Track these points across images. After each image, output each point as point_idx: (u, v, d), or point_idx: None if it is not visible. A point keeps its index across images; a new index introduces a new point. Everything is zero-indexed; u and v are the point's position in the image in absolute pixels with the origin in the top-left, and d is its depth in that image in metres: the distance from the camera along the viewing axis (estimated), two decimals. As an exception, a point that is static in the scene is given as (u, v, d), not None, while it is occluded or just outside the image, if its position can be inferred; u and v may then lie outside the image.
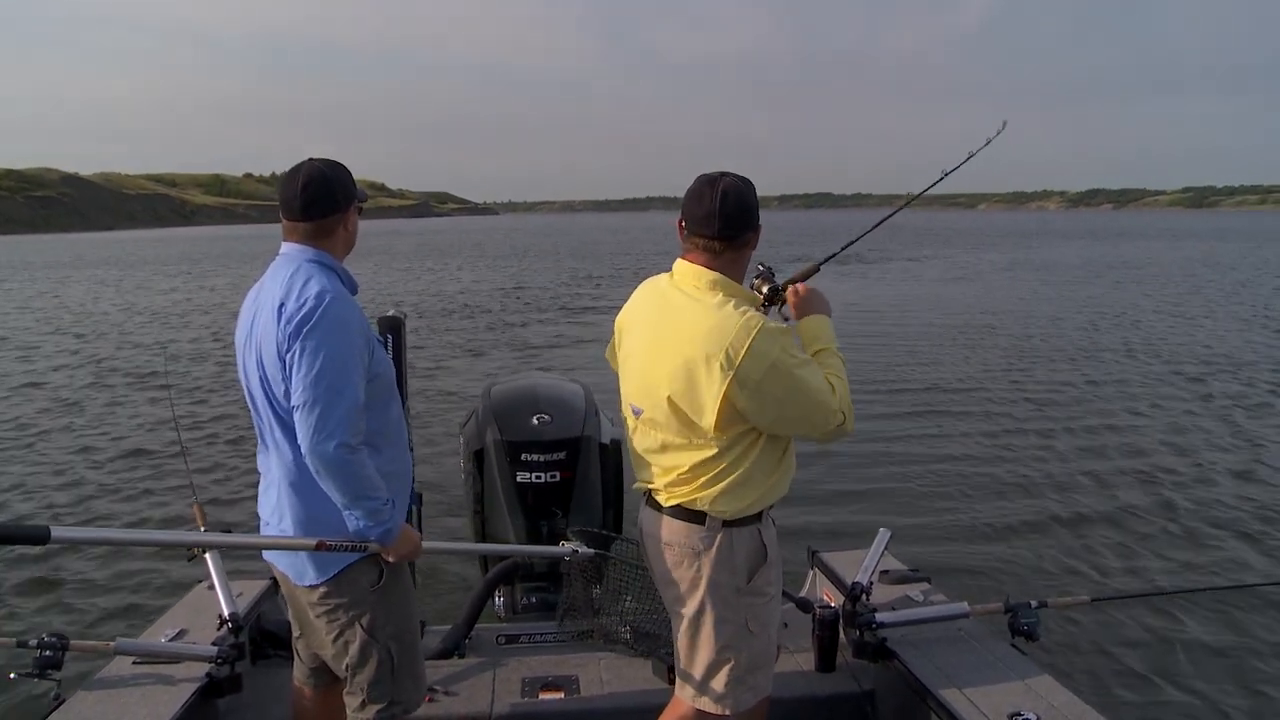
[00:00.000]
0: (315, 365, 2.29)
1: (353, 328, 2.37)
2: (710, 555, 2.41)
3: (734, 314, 2.28)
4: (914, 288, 27.10)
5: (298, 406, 2.32)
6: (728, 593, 2.44)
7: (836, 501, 7.35)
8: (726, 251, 2.37)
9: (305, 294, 2.36)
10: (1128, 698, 4.46)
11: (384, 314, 3.87)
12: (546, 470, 3.83)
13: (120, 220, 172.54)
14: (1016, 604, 3.29)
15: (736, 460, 2.36)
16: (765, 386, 2.25)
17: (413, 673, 2.65)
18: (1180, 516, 6.98)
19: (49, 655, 2.86)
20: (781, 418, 2.33)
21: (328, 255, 2.50)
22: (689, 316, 2.34)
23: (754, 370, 2.23)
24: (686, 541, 2.44)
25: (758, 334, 2.23)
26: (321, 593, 2.51)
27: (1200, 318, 19.16)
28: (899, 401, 11.11)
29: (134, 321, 21.05)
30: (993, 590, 5.38)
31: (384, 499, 2.41)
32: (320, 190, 2.47)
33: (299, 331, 2.32)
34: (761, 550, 2.46)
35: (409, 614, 2.66)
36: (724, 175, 2.37)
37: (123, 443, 9.65)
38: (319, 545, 2.41)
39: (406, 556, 2.56)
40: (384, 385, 2.51)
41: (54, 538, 2.09)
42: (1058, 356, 14.21)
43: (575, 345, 15.99)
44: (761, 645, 2.51)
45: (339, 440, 2.29)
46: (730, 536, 2.41)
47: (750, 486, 2.39)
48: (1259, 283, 28.12)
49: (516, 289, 28.42)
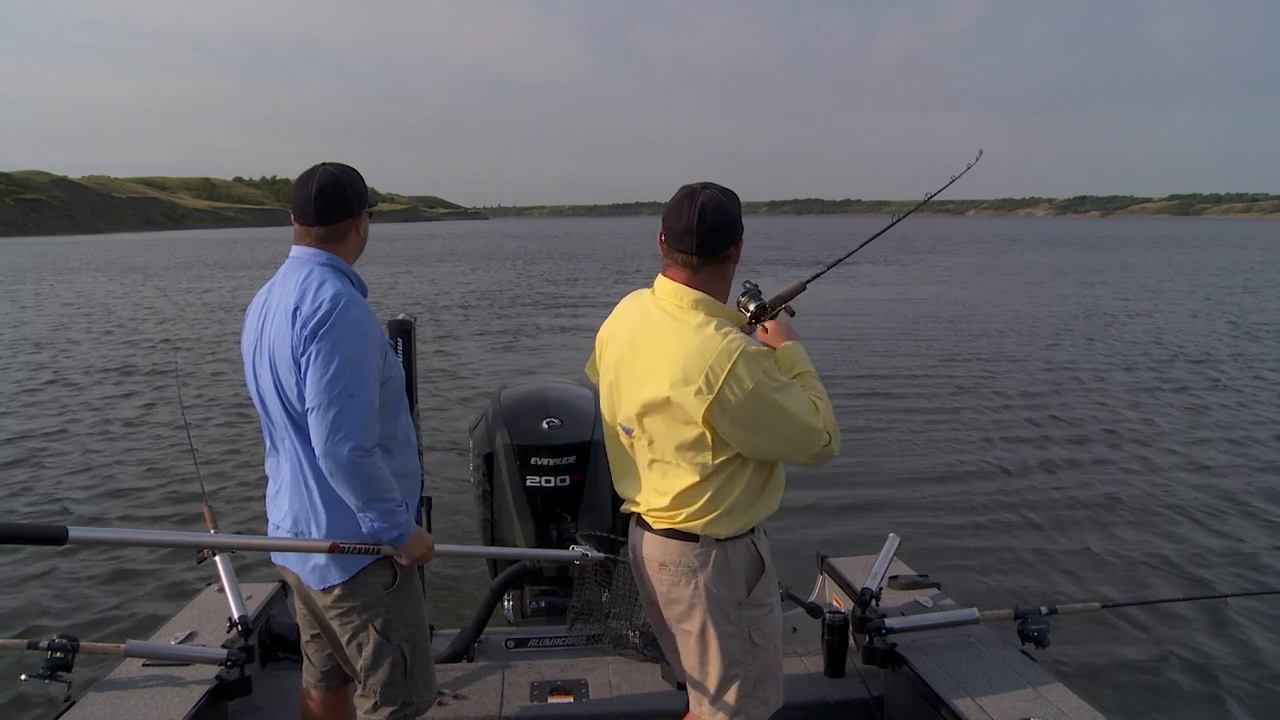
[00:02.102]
0: (330, 368, 2.29)
1: (367, 331, 2.37)
2: (708, 572, 2.38)
3: (715, 336, 2.22)
4: (913, 290, 27.18)
5: (312, 409, 2.31)
6: (729, 607, 2.41)
7: (845, 507, 7.35)
8: (706, 267, 2.31)
9: (320, 297, 2.36)
10: (1138, 705, 4.45)
11: (394, 318, 3.87)
12: (556, 474, 3.83)
13: (110, 223, 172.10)
14: (1026, 610, 3.30)
15: (724, 486, 2.33)
16: (747, 411, 2.20)
17: (424, 674, 2.66)
18: (1194, 523, 6.98)
19: (60, 657, 2.87)
20: (765, 442, 2.28)
21: (339, 259, 2.51)
22: (670, 336, 2.29)
23: (734, 394, 2.18)
24: (682, 560, 2.40)
25: (739, 358, 2.18)
26: (336, 595, 2.50)
27: (1218, 326, 18.99)
28: (908, 407, 11.14)
29: (140, 323, 21.03)
30: (1002, 596, 5.41)
31: (398, 501, 2.41)
32: (334, 195, 2.48)
33: (315, 334, 2.31)
34: (758, 561, 2.44)
35: (420, 617, 2.67)
36: (705, 187, 2.30)
37: (132, 445, 9.62)
38: (333, 547, 2.42)
39: (419, 559, 2.55)
40: (395, 389, 2.51)
41: (72, 538, 2.09)
42: (1068, 364, 14.18)
43: (580, 349, 15.96)
44: (767, 657, 2.49)
45: (354, 443, 2.29)
46: (725, 551, 2.38)
47: (739, 511, 2.36)
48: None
49: (520, 289, 28.48)
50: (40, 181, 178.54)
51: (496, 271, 39.18)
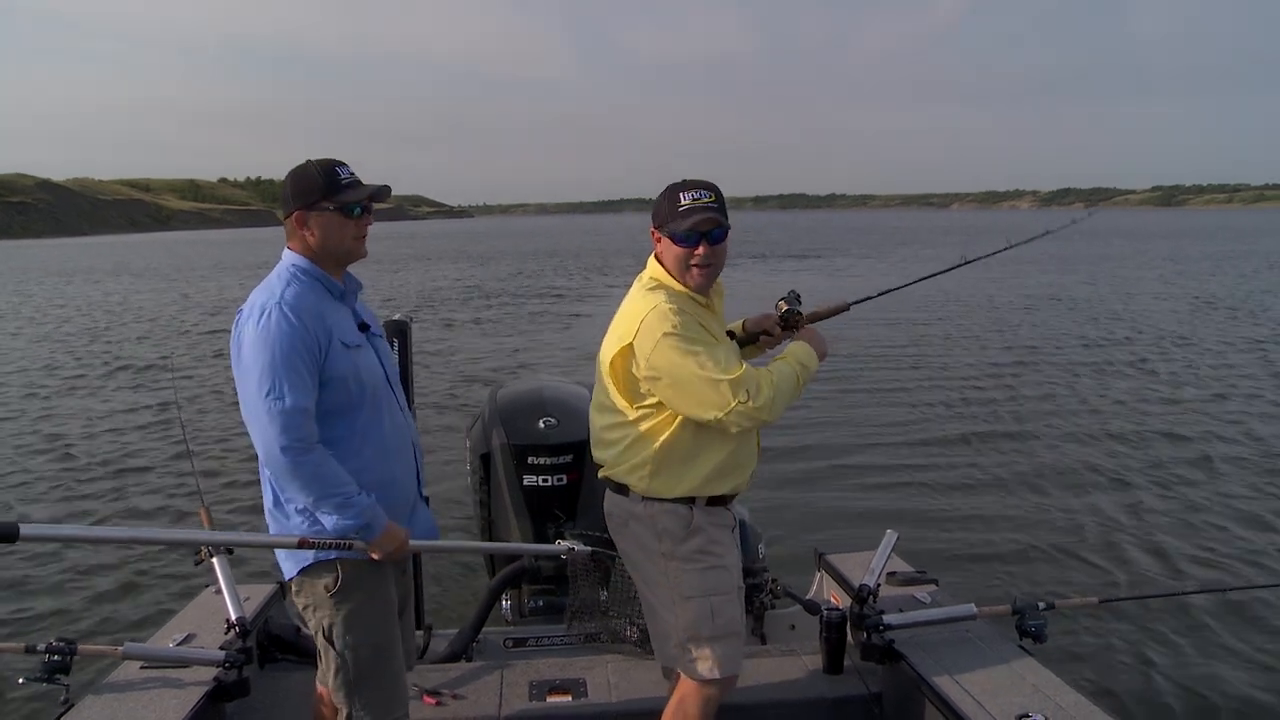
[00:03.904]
0: (253, 376, 2.30)
1: (289, 332, 2.31)
2: (634, 524, 2.68)
3: (645, 296, 2.58)
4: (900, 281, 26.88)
5: (246, 418, 2.35)
6: (654, 558, 2.66)
7: (843, 503, 7.37)
8: (656, 249, 2.67)
9: (253, 301, 2.38)
10: (1136, 699, 4.47)
11: (391, 318, 3.86)
12: (553, 473, 3.84)
13: (95, 225, 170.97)
14: (1024, 605, 3.30)
15: (648, 435, 2.59)
16: (654, 359, 2.48)
17: (378, 687, 2.54)
18: (1190, 517, 7.00)
19: (57, 660, 2.86)
20: (675, 393, 2.52)
21: (305, 259, 2.47)
22: (625, 301, 2.67)
23: (644, 343, 2.49)
24: (617, 511, 2.73)
25: (650, 312, 2.50)
26: (294, 590, 2.54)
27: (1220, 324, 18.70)
28: (904, 404, 11.16)
29: (134, 322, 21.08)
30: (1000, 592, 5.41)
31: (351, 491, 2.36)
32: (281, 191, 2.51)
33: (238, 341, 2.36)
34: (687, 521, 2.62)
35: (377, 628, 2.55)
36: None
37: (126, 444, 9.64)
38: (301, 543, 2.39)
39: (393, 555, 2.49)
40: (349, 390, 2.43)
41: (23, 535, 2.04)
42: (1059, 359, 14.22)
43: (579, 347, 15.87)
44: (697, 616, 2.61)
45: (284, 443, 2.28)
46: (653, 508, 2.63)
47: (666, 472, 2.60)
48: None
49: (517, 285, 28.49)
50: (25, 184, 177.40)
51: (491, 268, 39.12)
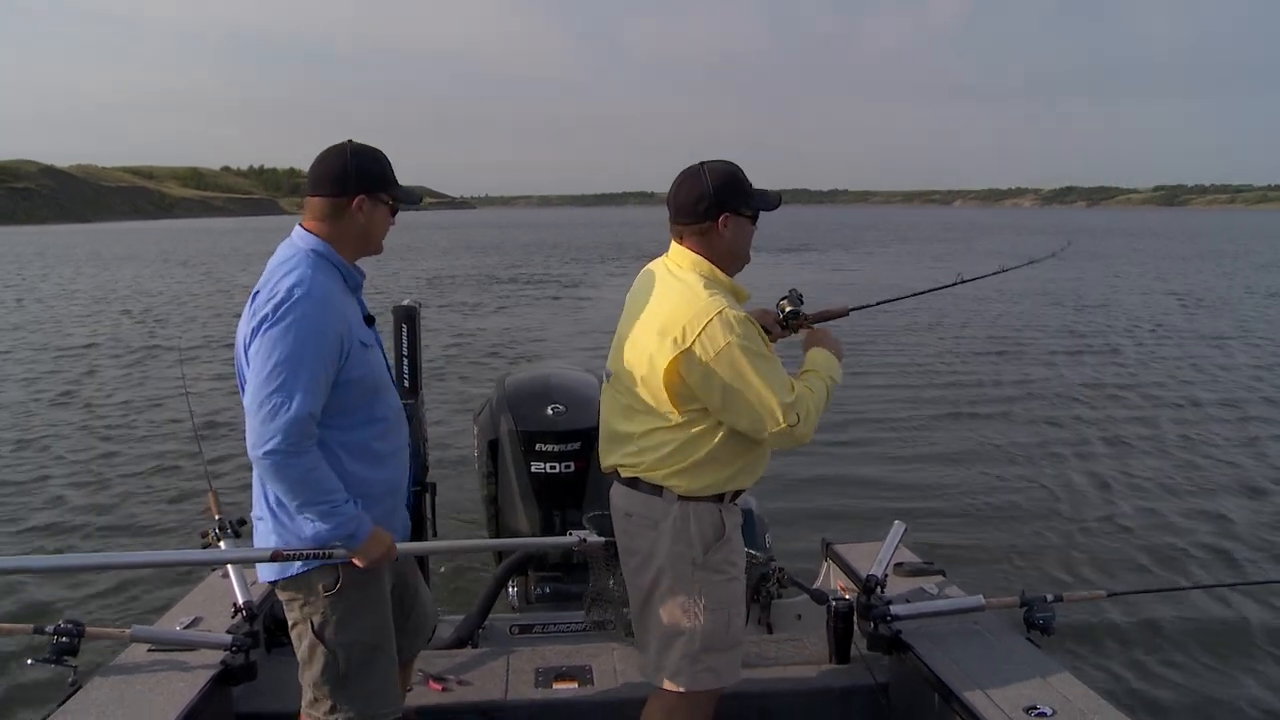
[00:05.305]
0: (268, 366, 2.17)
1: (317, 330, 2.21)
2: (667, 526, 2.47)
3: (701, 294, 2.38)
4: (906, 274, 27.07)
5: (247, 407, 2.21)
6: (683, 566, 2.47)
7: (851, 493, 7.38)
8: (689, 237, 2.49)
9: (279, 286, 2.22)
10: (1144, 692, 4.46)
11: (399, 304, 3.85)
12: (561, 460, 3.82)
13: (98, 212, 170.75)
14: (1032, 597, 3.28)
15: (690, 442, 2.42)
16: (714, 368, 2.32)
17: (368, 687, 2.44)
18: (1199, 510, 7.00)
19: (65, 642, 2.85)
20: (727, 404, 2.37)
21: (328, 245, 2.35)
22: (664, 291, 2.48)
23: (705, 351, 2.31)
24: (645, 512, 2.51)
25: (716, 317, 2.32)
26: (279, 586, 2.43)
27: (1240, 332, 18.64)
28: (914, 394, 11.19)
29: (142, 309, 21.20)
30: (1008, 583, 5.41)
31: (339, 499, 2.25)
32: (329, 166, 2.34)
33: (260, 326, 2.20)
34: (720, 527, 2.49)
35: (371, 625, 2.45)
36: (701, 165, 2.50)
37: (136, 431, 9.66)
38: (275, 555, 2.31)
39: (377, 561, 2.37)
40: (364, 389, 2.36)
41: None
42: (1071, 351, 14.25)
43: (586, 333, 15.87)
44: (716, 626, 2.50)
45: (273, 446, 2.15)
46: (687, 509, 2.46)
47: (705, 471, 2.45)
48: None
49: (518, 276, 28.48)
50: (29, 170, 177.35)
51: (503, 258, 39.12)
